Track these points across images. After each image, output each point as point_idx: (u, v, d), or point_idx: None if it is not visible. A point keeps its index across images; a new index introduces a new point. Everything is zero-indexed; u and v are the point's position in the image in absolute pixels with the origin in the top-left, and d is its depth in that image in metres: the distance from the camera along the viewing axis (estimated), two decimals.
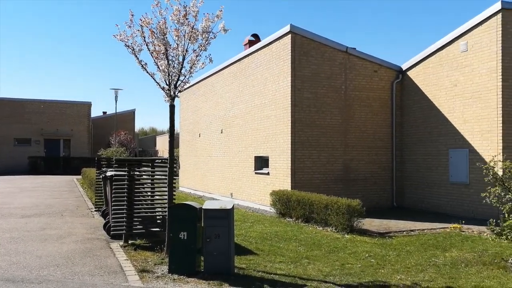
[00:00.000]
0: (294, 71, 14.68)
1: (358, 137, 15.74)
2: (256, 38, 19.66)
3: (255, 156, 16.97)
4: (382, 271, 7.74)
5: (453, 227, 11.62)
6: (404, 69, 16.26)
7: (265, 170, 16.28)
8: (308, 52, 14.93)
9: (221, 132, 20.09)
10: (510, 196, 8.12)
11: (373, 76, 15.98)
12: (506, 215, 8.17)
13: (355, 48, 15.72)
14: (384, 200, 16.21)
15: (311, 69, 14.99)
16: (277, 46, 15.49)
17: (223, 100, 19.98)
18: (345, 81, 15.50)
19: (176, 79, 8.02)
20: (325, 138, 15.21)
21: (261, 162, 16.81)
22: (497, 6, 12.67)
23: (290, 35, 14.69)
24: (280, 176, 15.18)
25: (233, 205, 7.64)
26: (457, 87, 14.08)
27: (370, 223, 12.28)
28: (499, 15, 12.66)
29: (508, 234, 8.07)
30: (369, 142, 15.93)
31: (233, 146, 18.83)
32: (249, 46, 18.83)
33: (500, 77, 12.66)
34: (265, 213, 14.70)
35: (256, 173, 16.83)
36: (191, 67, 8.00)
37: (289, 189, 14.39)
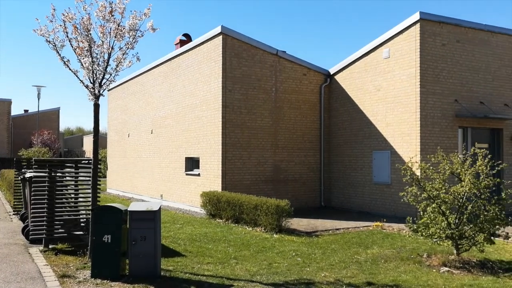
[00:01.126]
0: (225, 72, 14.72)
1: (288, 138, 16.05)
2: (187, 38, 19.49)
3: (186, 157, 16.81)
4: (308, 269, 7.94)
5: (375, 225, 12.16)
6: (332, 73, 16.81)
7: (196, 171, 16.17)
8: (240, 54, 15.03)
9: (151, 133, 19.70)
10: (425, 195, 8.62)
11: (303, 79, 16.38)
12: (421, 213, 8.66)
13: (285, 52, 16.03)
14: (313, 200, 16.65)
15: (242, 71, 15.10)
16: (208, 47, 15.45)
17: (154, 100, 19.61)
18: (276, 84, 15.76)
19: (101, 77, 7.77)
20: (255, 139, 15.38)
21: (192, 163, 16.68)
22: (416, 16, 13.46)
23: (221, 36, 14.71)
24: (211, 177, 15.15)
25: (160, 207, 7.53)
26: (380, 91, 14.77)
27: (299, 223, 12.57)
28: (418, 25, 13.45)
29: (422, 231, 8.57)
30: (299, 143, 16.31)
31: (164, 147, 18.53)
32: (180, 46, 18.64)
33: (419, 83, 13.44)
34: (196, 215, 14.60)
35: (187, 174, 16.67)
36: (117, 65, 7.79)
37: (220, 190, 14.39)
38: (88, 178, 9.33)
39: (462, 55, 14.26)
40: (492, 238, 8.33)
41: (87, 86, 7.84)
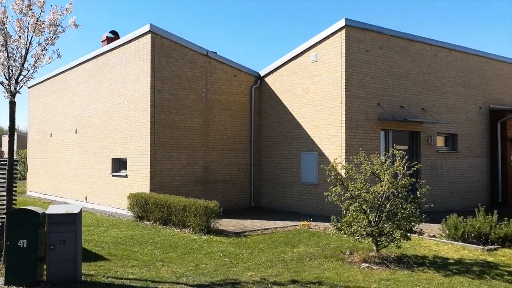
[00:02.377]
0: (154, 71, 14.46)
1: (218, 139, 16.05)
2: (115, 35, 18.91)
3: (112, 158, 16.30)
4: (235, 269, 7.98)
5: (302, 225, 12.47)
6: (262, 75, 17.03)
7: (123, 173, 15.73)
8: (169, 53, 14.83)
9: (76, 132, 18.91)
10: (348, 194, 8.96)
11: (233, 80, 16.45)
12: (344, 211, 9.00)
13: (216, 52, 16.03)
14: (243, 201, 16.76)
15: (172, 71, 14.90)
16: (136, 45, 15.10)
17: (79, 99, 18.84)
18: (206, 84, 15.71)
19: (17, 74, 7.34)
20: (185, 140, 15.23)
21: (119, 164, 16.21)
22: (342, 22, 13.97)
23: (150, 35, 14.43)
24: (139, 179, 14.80)
25: (82, 209, 7.25)
26: (308, 94, 15.17)
27: (228, 224, 12.60)
28: (343, 31, 13.97)
29: (345, 229, 8.90)
30: (229, 144, 16.36)
31: (89, 147, 17.85)
32: (107, 43, 18.04)
33: (344, 87, 13.96)
34: (122, 217, 14.20)
35: (113, 175, 16.16)
36: (35, 62, 7.39)
37: (148, 191, 14.10)
38: (2, 180, 8.77)
39: (384, 61, 14.99)
40: (408, 234, 8.80)
41: (2, 83, 7.38)
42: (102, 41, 19.06)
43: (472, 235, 10.05)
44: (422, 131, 16.03)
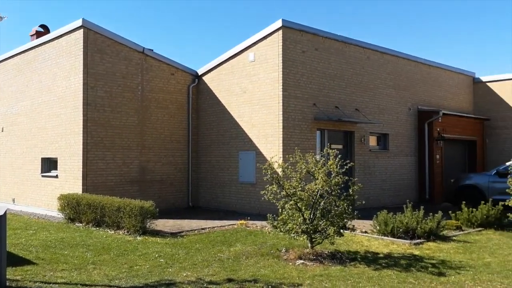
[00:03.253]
0: (86, 68, 13.95)
1: (155, 138, 15.76)
2: (45, 29, 18.04)
3: (42, 158, 15.56)
4: (170, 270, 7.87)
5: (240, 224, 12.51)
6: (200, 73, 16.92)
7: (53, 173, 15.06)
8: (103, 49, 14.37)
9: (2, 131, 17.87)
10: (284, 193, 9.10)
11: (170, 78, 16.22)
12: (280, 210, 9.13)
13: (152, 50, 15.73)
14: (181, 201, 16.57)
15: (106, 67, 14.45)
16: (68, 40, 14.50)
17: (5, 95, 17.81)
18: (142, 82, 15.38)
19: None
20: (120, 139, 14.83)
21: (49, 164, 15.50)
22: (279, 23, 14.18)
23: (82, 30, 13.92)
24: (71, 179, 14.23)
25: (6, 211, 6.85)
26: (246, 94, 15.26)
27: (164, 224, 12.41)
28: (280, 32, 14.19)
29: (281, 227, 9.03)
30: (166, 143, 16.11)
31: (16, 146, 16.93)
32: (37, 37, 17.19)
33: (281, 87, 14.17)
34: (53, 219, 13.59)
35: (43, 176, 15.44)
36: None
37: (80, 192, 13.59)
38: None
39: (320, 62, 15.36)
40: (341, 231, 9.07)
41: None
42: (31, 35, 18.12)
43: (401, 230, 10.53)
44: (356, 131, 16.58)
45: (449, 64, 21.15)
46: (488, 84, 21.74)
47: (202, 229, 11.93)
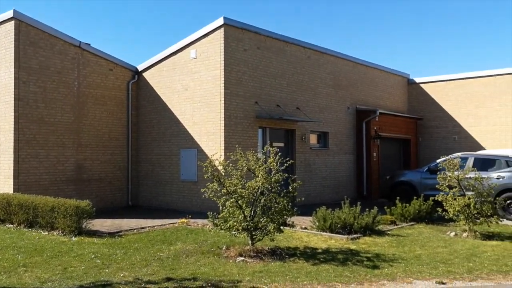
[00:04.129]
0: (18, 61, 13.27)
1: (92, 136, 15.25)
2: None
3: None
4: (107, 270, 7.65)
5: (181, 222, 12.38)
6: (140, 69, 16.56)
7: None
8: (36, 42, 13.72)
9: None
10: (224, 190, 9.10)
11: (109, 74, 15.76)
12: (221, 207, 9.13)
13: (89, 44, 15.20)
14: (120, 200, 16.15)
15: (39, 61, 13.82)
16: None
17: None
18: (78, 77, 14.83)
19: None
20: (55, 136, 14.23)
21: None
22: (220, 21, 14.14)
23: (13, 22, 13.22)
24: (1, 178, 13.50)
25: None
26: (188, 91, 15.11)
27: (102, 224, 12.06)
28: (222, 29, 14.16)
29: (221, 224, 9.03)
30: (105, 141, 15.63)
31: None
32: None
33: (223, 84, 14.15)
34: None
35: None
36: None
37: (12, 192, 12.91)
38: None
39: (261, 61, 15.48)
40: (281, 227, 9.20)
41: None
42: None
43: (339, 225, 10.83)
44: (297, 129, 16.86)
45: (385, 66, 22.02)
46: (421, 85, 22.80)
47: (142, 228, 11.69)
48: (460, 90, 21.47)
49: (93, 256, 8.61)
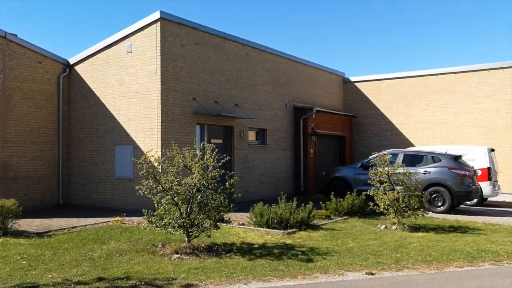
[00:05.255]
0: None
1: (19, 131, 14.46)
2: None
3: None
4: (34, 272, 7.30)
5: (115, 220, 12.04)
6: (72, 63, 15.88)
7: None
8: None
9: None
10: (160, 187, 8.94)
11: (38, 67, 14.99)
12: (156, 205, 8.96)
13: (16, 35, 14.38)
14: (50, 199, 15.44)
15: None
16: None
17: None
18: (4, 70, 14.00)
19: None
20: None
21: None
22: (157, 15, 13.87)
23: None
24: None
25: None
26: (123, 86, 14.69)
27: (30, 224, 11.49)
28: (159, 23, 13.88)
29: (157, 222, 8.87)
30: (33, 137, 14.87)
31: None
32: None
33: (159, 80, 13.89)
34: None
35: None
36: None
37: None
38: None
39: (199, 56, 15.35)
40: (218, 224, 9.17)
41: None
42: None
43: (275, 221, 10.97)
44: (235, 126, 16.88)
45: (322, 64, 22.55)
46: (356, 84, 23.58)
47: (73, 227, 11.25)
48: (392, 89, 22.42)
49: (19, 257, 8.18)
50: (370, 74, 23.54)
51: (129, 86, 14.53)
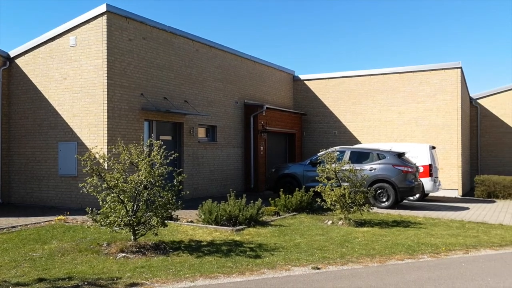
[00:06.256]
0: None
1: None
2: None
3: None
4: None
5: (58, 219, 11.63)
6: (12, 56, 15.15)
7: None
8: None
9: None
10: (105, 185, 8.71)
11: None
12: (101, 203, 8.73)
13: None
14: None
15: None
16: None
17: None
18: None
19: None
20: None
21: None
22: (103, 8, 13.47)
23: None
24: None
25: None
26: (67, 80, 14.19)
27: None
28: (105, 17, 13.50)
29: (102, 220, 8.64)
30: None
31: None
32: None
33: (106, 75, 13.51)
34: None
35: None
36: None
37: None
38: None
39: (147, 51, 15.06)
40: (166, 221, 9.06)
41: None
42: None
43: (224, 218, 10.96)
44: (185, 122, 16.71)
45: (273, 62, 22.71)
46: (305, 82, 23.92)
47: (13, 227, 10.76)
48: (339, 87, 22.91)
49: None
50: (319, 73, 23.97)
51: (74, 81, 14.05)
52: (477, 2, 54.75)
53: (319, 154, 15.73)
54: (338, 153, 15.14)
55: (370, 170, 15.20)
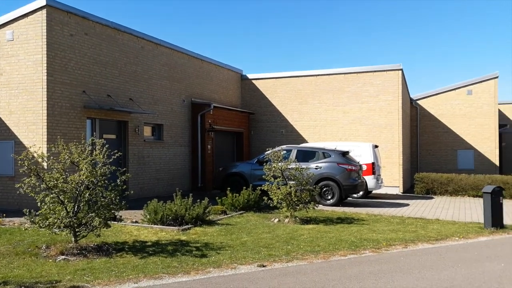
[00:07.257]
0: None
1: None
2: None
3: None
4: None
5: None
6: None
7: None
8: None
9: None
10: (44, 185, 8.37)
11: None
12: (39, 204, 8.38)
13: None
14: None
15: None
16: None
17: None
18: None
19: None
20: None
21: None
22: (42, 1, 12.91)
23: None
24: None
25: None
26: (3, 76, 13.50)
27: None
28: (44, 11, 12.94)
29: (40, 222, 8.29)
30: None
31: None
32: None
33: (45, 71, 12.97)
34: None
35: None
36: None
37: None
38: None
39: (90, 48, 14.59)
40: (109, 222, 8.82)
41: None
42: None
43: (170, 217, 10.82)
44: (130, 121, 16.33)
45: (220, 61, 22.64)
46: (253, 81, 24.02)
47: None
48: (287, 87, 23.18)
49: None
50: (265, 73, 24.15)
51: (11, 77, 13.39)
52: (420, 11, 57.07)
53: (266, 152, 15.82)
54: (284, 151, 15.29)
55: (316, 168, 15.49)
